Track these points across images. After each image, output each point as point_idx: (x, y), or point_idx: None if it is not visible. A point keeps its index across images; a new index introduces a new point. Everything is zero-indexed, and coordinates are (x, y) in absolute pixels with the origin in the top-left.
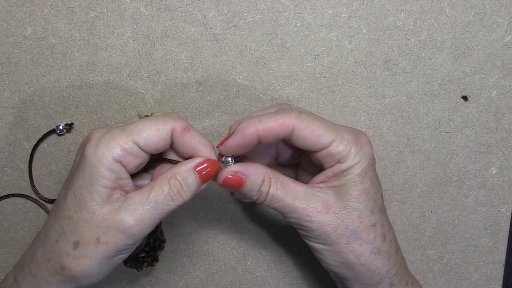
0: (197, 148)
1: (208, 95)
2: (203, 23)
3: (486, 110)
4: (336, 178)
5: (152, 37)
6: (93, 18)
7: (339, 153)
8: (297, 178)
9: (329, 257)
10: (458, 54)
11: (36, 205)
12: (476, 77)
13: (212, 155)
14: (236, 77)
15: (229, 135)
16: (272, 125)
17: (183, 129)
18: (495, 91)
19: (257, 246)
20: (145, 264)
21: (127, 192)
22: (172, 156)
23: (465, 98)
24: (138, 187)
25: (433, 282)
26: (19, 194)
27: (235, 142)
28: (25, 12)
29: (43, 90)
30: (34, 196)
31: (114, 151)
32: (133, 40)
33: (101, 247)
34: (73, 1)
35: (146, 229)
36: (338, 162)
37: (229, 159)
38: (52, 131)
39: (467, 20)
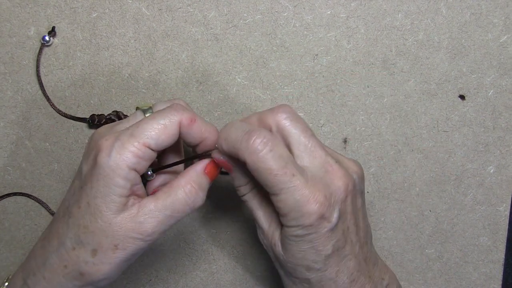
0: (204, 137)
1: (208, 95)
2: (203, 23)
3: (483, 109)
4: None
5: (153, 37)
6: (95, 19)
7: (277, 207)
8: None
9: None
10: (455, 54)
11: (37, 204)
12: (473, 76)
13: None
14: (236, 76)
15: None
16: (231, 151)
17: (189, 121)
18: (492, 90)
19: (257, 245)
20: None
21: (139, 196)
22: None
23: (462, 97)
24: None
25: (432, 281)
26: (21, 193)
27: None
28: (28, 13)
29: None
30: (35, 195)
31: (128, 159)
32: (135, 40)
33: (119, 253)
34: (75, 2)
35: (162, 233)
36: (278, 212)
37: (149, 172)
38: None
39: (463, 20)
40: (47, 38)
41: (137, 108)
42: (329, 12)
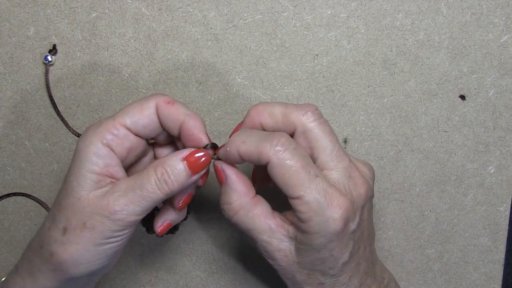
0: (183, 120)
1: (208, 95)
2: (203, 23)
3: (484, 109)
4: (297, 231)
5: (153, 37)
6: (95, 19)
7: (299, 212)
8: None
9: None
10: (455, 54)
11: (37, 204)
12: (474, 76)
13: (199, 127)
14: (236, 76)
15: (223, 145)
16: (251, 152)
17: (166, 102)
18: (492, 90)
19: None
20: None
21: (118, 179)
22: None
23: (462, 97)
24: None
25: (432, 281)
26: (20, 193)
27: (223, 154)
28: (28, 13)
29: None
30: (35, 195)
31: (101, 135)
32: (134, 40)
33: (88, 233)
34: (75, 2)
35: (133, 216)
36: (298, 218)
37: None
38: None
39: (464, 20)
40: (49, 58)
41: None
42: (329, 12)
